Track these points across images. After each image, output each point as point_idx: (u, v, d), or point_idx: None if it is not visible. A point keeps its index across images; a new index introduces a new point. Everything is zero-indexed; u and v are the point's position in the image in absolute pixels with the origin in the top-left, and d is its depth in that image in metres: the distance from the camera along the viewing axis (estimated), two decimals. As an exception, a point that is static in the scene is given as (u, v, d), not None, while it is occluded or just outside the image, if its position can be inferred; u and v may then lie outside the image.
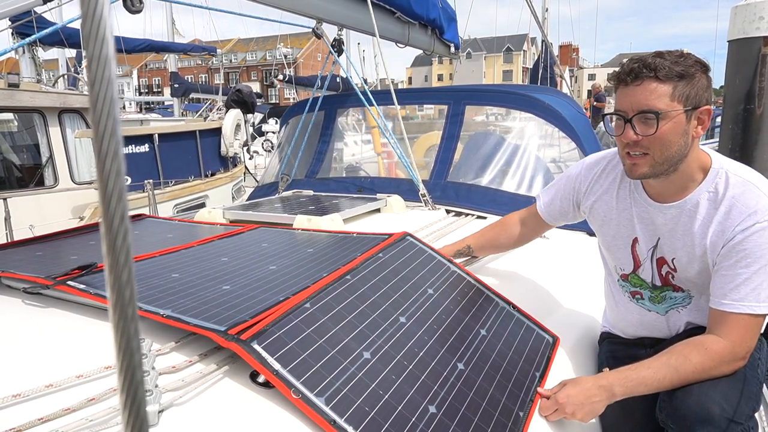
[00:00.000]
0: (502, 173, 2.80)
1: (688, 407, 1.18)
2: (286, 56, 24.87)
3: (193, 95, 15.03)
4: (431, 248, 1.66)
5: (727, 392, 1.19)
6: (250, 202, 3.01)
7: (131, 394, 0.37)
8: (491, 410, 1.12)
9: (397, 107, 2.98)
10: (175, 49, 12.82)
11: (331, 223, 2.15)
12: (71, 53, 10.97)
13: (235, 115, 8.03)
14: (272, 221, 2.25)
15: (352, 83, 3.38)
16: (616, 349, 1.59)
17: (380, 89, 8.29)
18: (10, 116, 5.43)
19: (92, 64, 0.33)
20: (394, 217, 2.55)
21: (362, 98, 3.07)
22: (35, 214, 4.77)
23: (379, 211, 2.61)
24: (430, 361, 1.15)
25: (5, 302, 1.40)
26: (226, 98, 9.92)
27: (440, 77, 69.06)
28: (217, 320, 1.09)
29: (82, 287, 1.29)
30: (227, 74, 59.59)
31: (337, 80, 7.53)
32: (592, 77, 47.64)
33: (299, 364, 1.00)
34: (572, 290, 1.86)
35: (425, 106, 4.83)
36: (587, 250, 2.14)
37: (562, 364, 1.44)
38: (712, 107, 1.28)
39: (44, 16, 6.55)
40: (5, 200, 4.36)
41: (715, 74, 1.30)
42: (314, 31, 3.24)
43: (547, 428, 1.20)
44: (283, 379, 0.96)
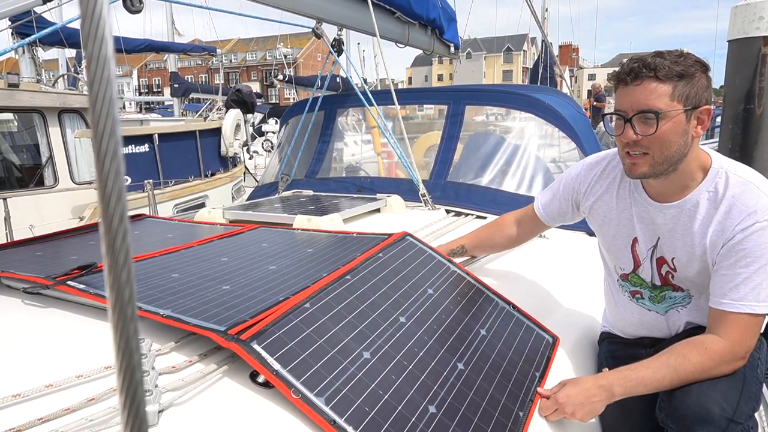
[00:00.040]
0: (502, 173, 2.80)
1: (687, 407, 1.18)
2: (286, 56, 24.86)
3: (193, 95, 15.04)
4: (431, 248, 1.66)
5: (726, 392, 1.19)
6: (249, 202, 3.01)
7: (131, 394, 0.37)
8: (491, 410, 1.12)
9: (397, 107, 2.98)
10: (175, 49, 12.82)
11: (330, 223, 2.15)
12: (71, 53, 10.98)
13: (234, 115, 8.03)
14: (272, 221, 2.25)
15: (352, 83, 3.38)
16: (615, 348, 1.59)
17: (380, 89, 8.29)
18: (9, 116, 5.43)
19: (91, 63, 0.33)
20: (393, 217, 2.55)
21: (362, 98, 3.07)
22: (35, 214, 4.77)
23: (378, 211, 2.61)
24: (430, 361, 1.15)
25: (5, 302, 1.40)
26: (226, 98, 9.92)
27: (440, 77, 69.06)
28: (216, 320, 1.09)
29: (81, 287, 1.29)
30: (227, 74, 59.57)
31: (337, 80, 7.53)
32: (592, 77, 47.64)
33: (299, 364, 1.00)
34: (572, 290, 1.86)
35: (425, 106, 4.82)
36: (587, 250, 2.14)
37: (561, 364, 1.44)
38: (711, 107, 1.28)
39: (44, 16, 6.55)
40: (5, 200, 4.36)
41: (715, 74, 1.30)
42: (314, 31, 3.24)
43: (546, 428, 1.20)
44: (282, 379, 0.96)
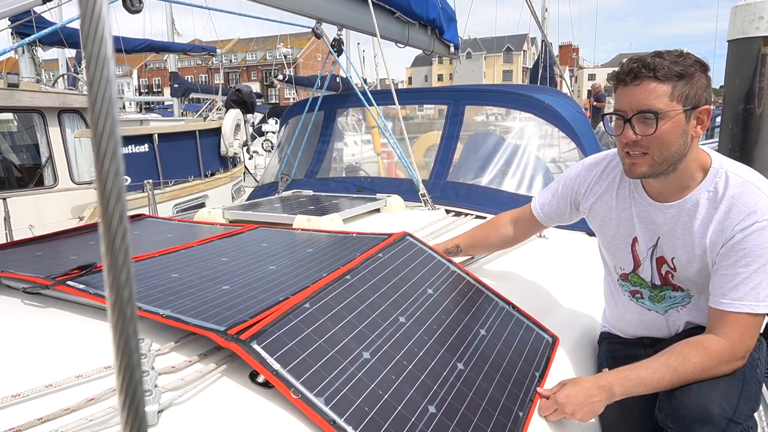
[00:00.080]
0: (501, 173, 2.80)
1: (687, 407, 1.18)
2: (286, 56, 24.86)
3: (192, 95, 15.04)
4: (431, 248, 1.66)
5: (726, 392, 1.20)
6: (249, 202, 3.01)
7: (130, 394, 0.37)
8: (491, 410, 1.12)
9: (397, 107, 2.98)
10: (174, 49, 12.82)
11: (330, 223, 2.15)
12: (71, 53, 10.98)
13: (234, 115, 8.03)
14: (272, 221, 2.25)
15: (351, 83, 3.38)
16: (615, 348, 1.59)
17: (380, 89, 8.28)
18: (9, 116, 5.43)
19: (91, 64, 0.33)
20: (393, 217, 2.55)
21: (362, 98, 3.07)
22: (35, 214, 4.77)
23: (378, 211, 2.61)
24: (429, 361, 1.15)
25: (5, 302, 1.40)
26: (225, 98, 9.91)
27: (440, 77, 69.06)
28: (216, 320, 1.09)
29: (81, 287, 1.29)
30: (227, 74, 59.56)
31: (336, 80, 7.53)
32: (592, 77, 47.66)
33: (299, 364, 1.00)
34: (572, 290, 1.86)
35: (425, 106, 4.82)
36: (587, 250, 2.14)
37: (561, 364, 1.44)
38: (711, 107, 1.28)
39: (44, 15, 6.55)
40: (5, 200, 4.36)
41: (715, 74, 1.30)
42: (314, 31, 3.24)
43: (546, 428, 1.20)
44: (282, 379, 0.96)
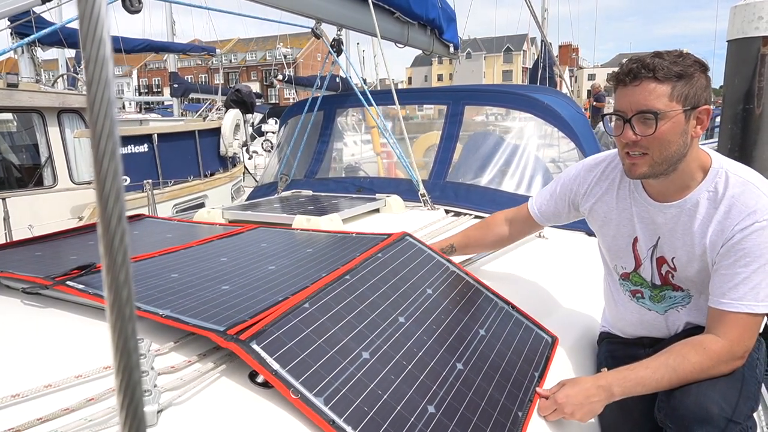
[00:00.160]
0: (501, 173, 2.80)
1: (686, 407, 1.18)
2: (285, 56, 24.82)
3: (192, 95, 15.04)
4: (430, 248, 1.66)
5: (725, 392, 1.20)
6: (249, 202, 3.01)
7: (129, 394, 0.37)
8: (490, 410, 1.12)
9: (397, 107, 2.97)
10: (174, 49, 12.82)
11: (330, 223, 2.15)
12: (71, 53, 10.98)
13: (234, 115, 8.02)
14: (271, 221, 2.25)
15: (351, 83, 3.38)
16: (615, 348, 1.59)
17: (380, 89, 8.28)
18: (9, 116, 5.42)
19: (90, 65, 0.33)
20: (393, 217, 2.55)
21: (361, 98, 3.07)
22: (34, 214, 4.76)
23: (378, 211, 2.61)
24: (429, 361, 1.15)
25: (4, 302, 1.40)
26: (225, 98, 9.91)
27: (440, 77, 69.07)
28: (216, 320, 1.09)
29: (81, 287, 1.29)
30: (227, 74, 59.55)
31: (336, 80, 7.53)
32: (591, 77, 47.67)
33: (298, 364, 1.00)
34: (571, 290, 1.86)
35: (425, 106, 4.82)
36: (586, 250, 2.14)
37: (561, 364, 1.44)
38: (711, 107, 1.28)
39: (43, 16, 6.55)
40: (4, 200, 4.36)
41: (714, 74, 1.30)
42: (313, 31, 3.24)
43: (546, 428, 1.20)
44: (282, 379, 0.96)
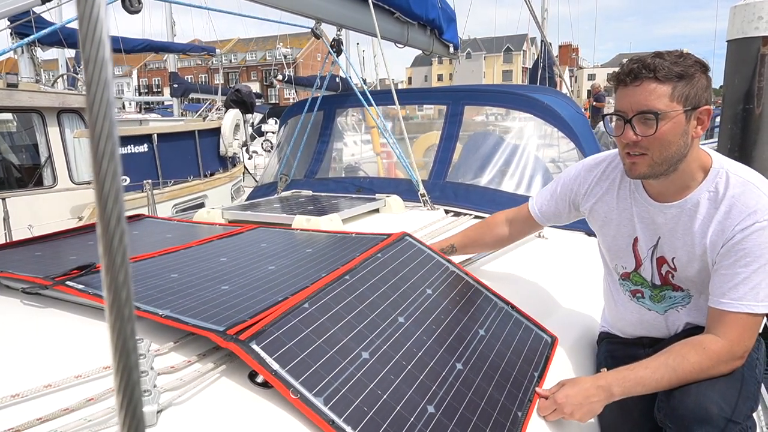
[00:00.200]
0: (501, 173, 2.80)
1: (686, 407, 1.18)
2: (285, 56, 24.80)
3: (192, 95, 15.04)
4: (430, 248, 1.66)
5: (725, 392, 1.20)
6: (249, 202, 3.01)
7: (128, 394, 0.37)
8: (490, 410, 1.12)
9: (397, 107, 2.97)
10: (174, 49, 12.82)
11: (330, 223, 2.15)
12: (70, 53, 10.97)
13: (234, 115, 8.03)
14: (271, 221, 2.25)
15: (351, 83, 3.38)
16: (614, 348, 1.59)
17: (380, 89, 8.28)
18: (8, 116, 5.42)
19: (89, 66, 0.33)
20: (392, 217, 2.55)
21: (361, 99, 3.07)
22: (34, 214, 4.76)
23: (378, 211, 2.61)
24: (428, 361, 1.16)
25: (4, 302, 1.40)
26: (225, 98, 9.91)
27: (440, 77, 69.08)
28: (215, 320, 1.09)
29: (80, 287, 1.29)
30: (227, 74, 59.55)
31: (336, 80, 7.53)
32: (591, 77, 47.69)
33: (298, 364, 1.00)
34: (571, 290, 1.86)
35: (425, 106, 4.82)
36: (586, 250, 2.14)
37: (560, 364, 1.44)
38: (711, 107, 1.28)
39: (43, 16, 6.55)
40: (4, 200, 4.36)
41: (714, 74, 1.30)
42: (313, 31, 3.23)
43: (545, 428, 1.20)
44: (281, 379, 0.96)
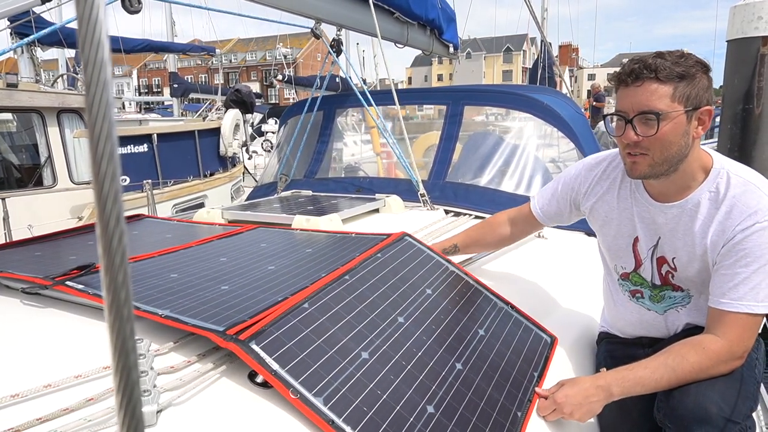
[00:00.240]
0: (500, 173, 2.80)
1: (685, 407, 1.18)
2: (285, 56, 24.80)
3: (192, 95, 15.05)
4: (430, 248, 1.66)
5: (724, 392, 1.20)
6: (248, 202, 3.01)
7: (127, 394, 0.37)
8: (489, 410, 1.12)
9: (397, 107, 2.97)
10: (174, 49, 12.83)
11: (329, 223, 2.15)
12: (70, 53, 10.98)
13: (233, 115, 8.03)
14: (271, 221, 2.25)
15: (351, 83, 3.38)
16: (614, 348, 1.59)
17: (380, 89, 8.28)
18: (8, 116, 5.43)
19: (88, 67, 0.33)
20: (392, 217, 2.55)
21: (361, 99, 3.07)
22: (34, 214, 4.76)
23: (377, 211, 2.61)
24: (428, 361, 1.16)
25: (4, 302, 1.40)
26: (225, 98, 9.92)
27: (440, 77, 69.10)
28: (215, 320, 1.09)
29: (80, 287, 1.29)
30: (227, 74, 59.56)
31: (336, 80, 7.53)
32: (591, 77, 47.71)
33: (297, 364, 1.00)
34: (570, 290, 1.86)
35: (425, 106, 4.82)
36: (585, 250, 2.14)
37: (560, 364, 1.44)
38: (713, 108, 1.28)
39: (43, 16, 6.55)
40: (4, 200, 4.36)
41: (714, 74, 1.30)
42: (313, 31, 3.23)
43: (545, 428, 1.20)
44: (281, 379, 0.96)
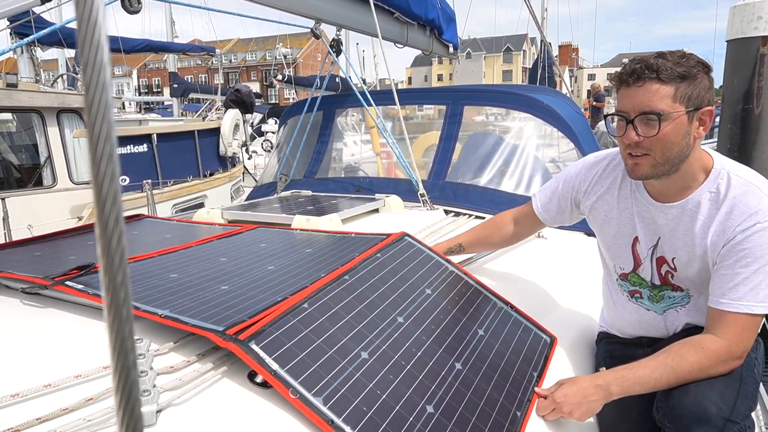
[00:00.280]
0: (500, 173, 2.80)
1: (684, 406, 1.18)
2: (285, 56, 24.80)
3: (192, 95, 15.07)
4: (429, 248, 1.66)
5: (723, 391, 1.20)
6: (248, 202, 3.01)
7: (126, 394, 0.37)
8: (489, 410, 1.12)
9: (398, 107, 2.97)
10: (174, 49, 12.84)
11: (329, 223, 2.15)
12: (70, 53, 10.98)
13: (233, 115, 8.03)
14: (271, 221, 2.25)
15: (350, 83, 3.38)
16: (613, 348, 1.59)
17: (380, 89, 8.28)
18: (8, 116, 5.43)
19: (87, 68, 0.33)
20: (392, 217, 2.55)
21: (361, 99, 3.07)
22: (33, 214, 4.77)
23: (377, 211, 2.61)
24: (427, 360, 1.16)
25: (3, 302, 1.40)
26: (224, 98, 9.92)
27: (440, 77, 69.11)
28: (215, 320, 1.09)
29: (80, 287, 1.29)
30: (227, 74, 59.57)
31: (336, 80, 7.53)
32: (591, 77, 47.73)
33: (297, 364, 1.00)
34: (570, 290, 1.86)
35: (424, 106, 4.82)
36: (585, 250, 2.14)
37: (559, 363, 1.44)
38: (714, 108, 1.28)
39: (43, 16, 6.55)
40: (3, 200, 4.36)
41: (714, 74, 1.30)
42: (313, 31, 3.24)
43: (544, 428, 1.21)
44: (280, 379, 0.96)
